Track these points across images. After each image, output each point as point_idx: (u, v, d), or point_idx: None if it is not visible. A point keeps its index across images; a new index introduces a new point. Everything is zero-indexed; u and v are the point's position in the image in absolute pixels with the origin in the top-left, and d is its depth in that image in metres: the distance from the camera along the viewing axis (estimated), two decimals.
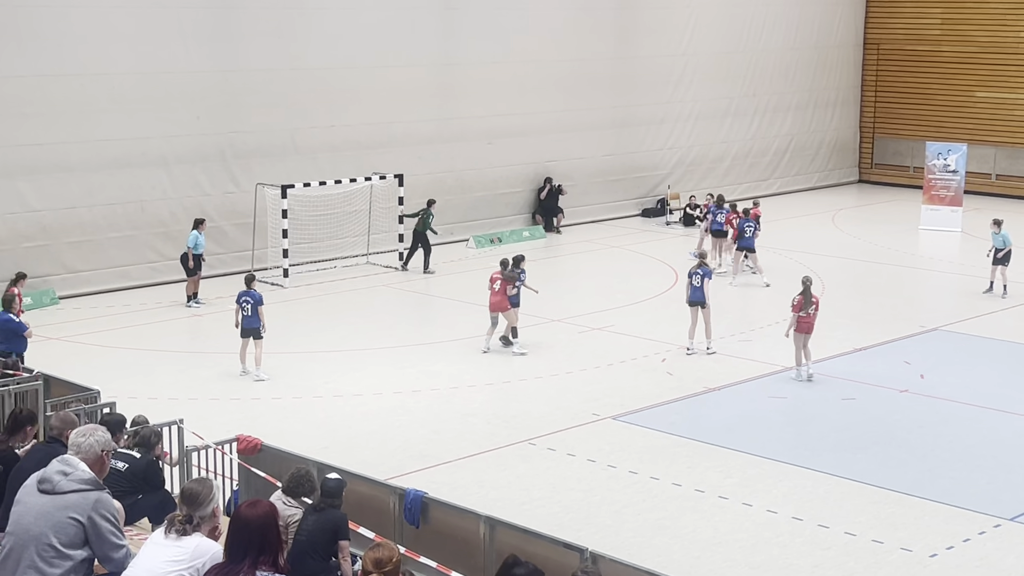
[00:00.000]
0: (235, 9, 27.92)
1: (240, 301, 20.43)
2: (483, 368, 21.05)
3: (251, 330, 20.26)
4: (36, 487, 7.11)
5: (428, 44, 31.46)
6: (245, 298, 20.38)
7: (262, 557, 6.56)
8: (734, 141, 39.25)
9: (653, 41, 36.36)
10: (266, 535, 6.62)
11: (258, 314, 20.27)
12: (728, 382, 20.28)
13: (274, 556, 6.62)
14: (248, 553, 6.56)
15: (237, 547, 6.62)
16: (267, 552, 6.59)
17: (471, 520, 11.39)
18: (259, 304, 20.37)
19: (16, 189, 25.12)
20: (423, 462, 16.50)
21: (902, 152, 42.16)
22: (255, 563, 6.54)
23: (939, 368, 21.16)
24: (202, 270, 25.47)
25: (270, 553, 6.60)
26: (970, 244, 32.34)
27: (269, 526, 6.66)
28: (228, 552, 6.68)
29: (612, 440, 17.54)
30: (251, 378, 20.19)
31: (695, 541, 14.18)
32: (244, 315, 20.32)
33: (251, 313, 20.28)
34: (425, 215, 28.51)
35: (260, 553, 6.57)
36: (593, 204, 35.38)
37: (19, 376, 15.23)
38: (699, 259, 22.73)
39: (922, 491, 15.69)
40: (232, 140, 28.17)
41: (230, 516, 6.80)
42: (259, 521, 6.64)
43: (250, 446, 13.29)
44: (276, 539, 6.70)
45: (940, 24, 40.87)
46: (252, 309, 20.29)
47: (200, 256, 25.29)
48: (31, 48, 24.96)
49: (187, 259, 25.14)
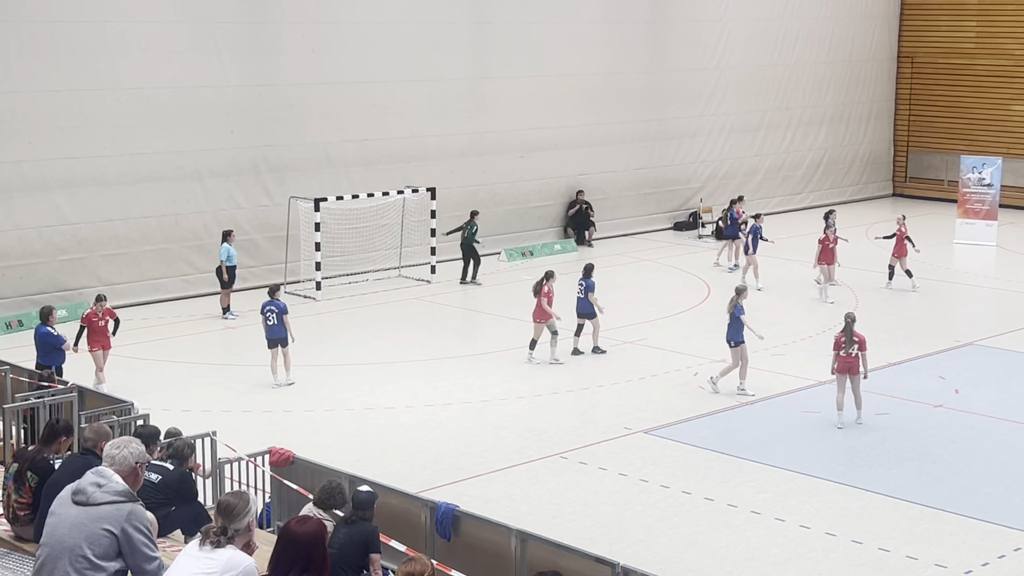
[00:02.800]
0: (269, 23, 28.10)
1: (264, 311, 20.54)
2: (515, 381, 21.04)
3: (278, 340, 20.37)
4: (70, 499, 7.14)
5: (461, 58, 31.56)
6: (270, 308, 20.48)
7: (306, 575, 6.61)
8: (767, 154, 39.13)
9: (686, 54, 36.32)
10: (313, 553, 6.68)
11: (283, 323, 20.36)
12: (761, 396, 20.18)
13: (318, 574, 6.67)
14: (293, 569, 6.61)
15: (283, 562, 6.68)
16: (311, 571, 6.66)
17: (502, 534, 11.38)
18: (283, 313, 20.47)
19: (53, 202, 25.35)
20: (454, 475, 16.50)
21: (936, 166, 41.90)
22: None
23: (974, 383, 21.00)
24: (235, 282, 25.57)
25: (315, 571, 6.66)
26: (1006, 258, 32.10)
27: (317, 544, 6.73)
28: (273, 566, 6.73)
29: (644, 454, 17.49)
30: (282, 385, 20.30)
31: (727, 556, 14.11)
32: (269, 324, 20.39)
33: (276, 322, 20.37)
34: (470, 227, 28.84)
35: (304, 571, 6.62)
36: (625, 217, 35.34)
37: (54, 388, 15.34)
38: (736, 294, 20.55)
39: (957, 507, 15.56)
40: (266, 153, 28.33)
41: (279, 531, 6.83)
42: (307, 538, 6.70)
43: (282, 458, 13.33)
44: (322, 558, 6.75)
45: (975, 37, 40.63)
46: (277, 318, 20.39)
47: (233, 268, 25.42)
48: (67, 63, 25.19)
49: (221, 272, 25.28)
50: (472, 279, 28.84)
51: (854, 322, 18.79)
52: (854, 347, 18.52)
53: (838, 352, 18.66)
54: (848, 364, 18.58)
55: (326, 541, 6.91)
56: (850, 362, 18.57)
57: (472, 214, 29.21)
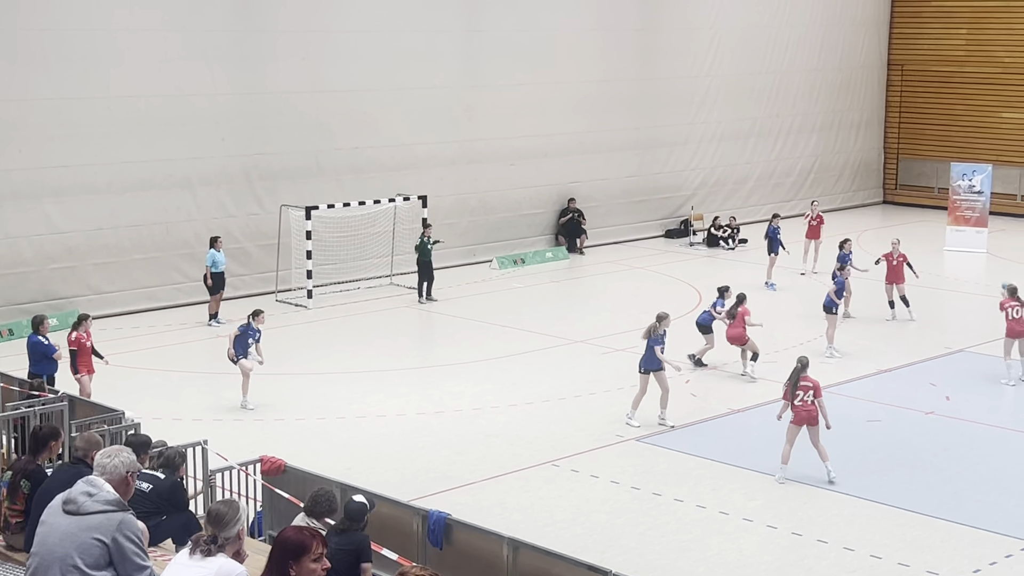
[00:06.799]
0: (260, 32, 28.09)
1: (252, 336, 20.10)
2: (506, 389, 21.03)
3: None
4: (61, 508, 7.12)
5: (452, 66, 31.57)
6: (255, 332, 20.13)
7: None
8: (758, 162, 39.21)
9: (676, 62, 36.39)
10: None
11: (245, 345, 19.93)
12: (752, 403, 20.19)
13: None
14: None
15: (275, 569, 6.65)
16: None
17: (494, 542, 11.36)
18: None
19: (43, 211, 25.30)
20: (446, 483, 16.48)
21: (927, 173, 42.01)
22: None
23: (965, 390, 21.03)
24: (224, 289, 25.49)
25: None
26: (996, 265, 32.17)
27: None
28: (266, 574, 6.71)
29: (636, 462, 17.49)
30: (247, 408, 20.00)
31: (720, 564, 14.11)
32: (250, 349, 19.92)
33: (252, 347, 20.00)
34: (422, 242, 27.66)
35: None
36: (616, 225, 35.38)
37: (44, 397, 15.31)
38: (656, 321, 19.37)
39: (948, 514, 15.58)
40: (257, 162, 28.31)
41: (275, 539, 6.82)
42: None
43: (274, 467, 13.30)
44: None
45: (965, 45, 40.76)
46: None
47: (221, 275, 25.36)
48: (57, 71, 25.16)
49: (206, 278, 25.24)
50: (427, 296, 27.57)
51: (807, 365, 16.83)
52: (810, 393, 16.43)
53: (789, 401, 16.58)
54: (803, 414, 16.47)
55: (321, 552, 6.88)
56: (807, 411, 16.46)
57: (424, 225, 28.33)
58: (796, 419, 16.52)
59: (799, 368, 16.69)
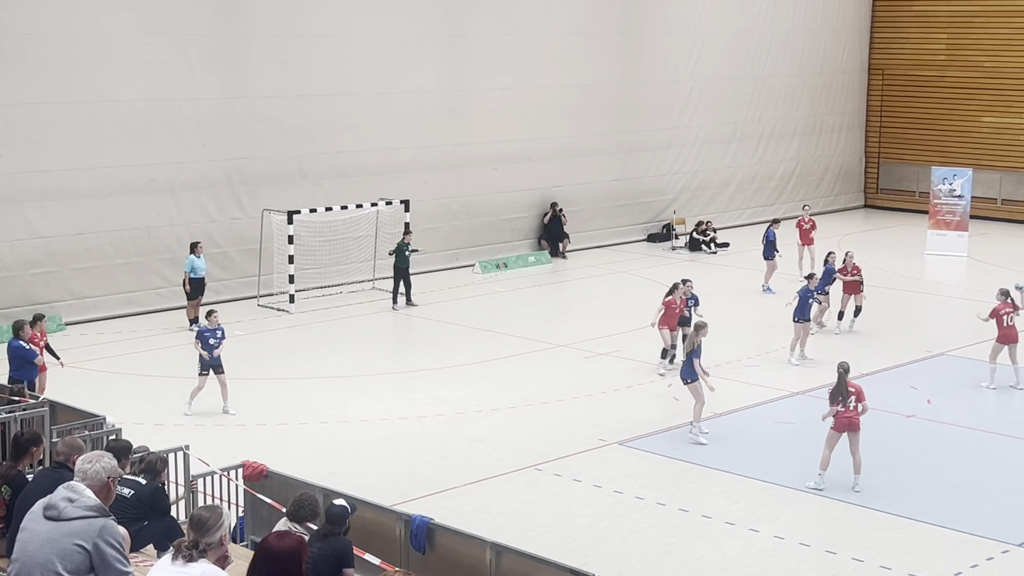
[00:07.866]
0: (241, 36, 28.04)
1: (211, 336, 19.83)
2: (489, 394, 21.03)
3: (219, 365, 19.84)
4: (42, 513, 7.10)
5: (434, 70, 31.57)
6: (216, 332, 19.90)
7: None
8: (739, 166, 39.31)
9: (658, 67, 36.47)
10: (288, 568, 6.67)
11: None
12: (734, 407, 20.23)
13: None
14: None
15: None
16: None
17: (477, 546, 11.36)
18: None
19: (23, 215, 25.20)
20: (429, 488, 16.47)
21: (908, 177, 42.18)
22: None
23: (946, 393, 21.12)
24: (203, 294, 25.40)
25: None
26: (976, 269, 32.31)
27: (293, 559, 6.73)
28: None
29: (618, 466, 17.51)
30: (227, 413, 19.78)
31: (702, 567, 14.13)
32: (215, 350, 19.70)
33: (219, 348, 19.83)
34: (399, 247, 27.40)
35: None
36: (599, 229, 35.42)
37: (25, 402, 15.24)
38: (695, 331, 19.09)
39: (930, 517, 15.63)
40: (239, 166, 28.25)
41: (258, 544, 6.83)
42: (284, 554, 6.72)
43: (256, 472, 13.27)
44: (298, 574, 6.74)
45: (945, 50, 40.95)
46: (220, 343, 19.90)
47: (200, 280, 25.28)
48: (38, 75, 25.07)
49: (184, 283, 25.15)
50: (407, 302, 27.40)
51: (849, 371, 16.77)
52: (851, 399, 16.38)
53: (836, 407, 16.39)
54: (846, 421, 16.38)
55: (303, 557, 6.89)
56: (849, 419, 16.36)
57: (405, 231, 28.05)
58: (837, 425, 16.41)
59: (843, 373, 16.58)
